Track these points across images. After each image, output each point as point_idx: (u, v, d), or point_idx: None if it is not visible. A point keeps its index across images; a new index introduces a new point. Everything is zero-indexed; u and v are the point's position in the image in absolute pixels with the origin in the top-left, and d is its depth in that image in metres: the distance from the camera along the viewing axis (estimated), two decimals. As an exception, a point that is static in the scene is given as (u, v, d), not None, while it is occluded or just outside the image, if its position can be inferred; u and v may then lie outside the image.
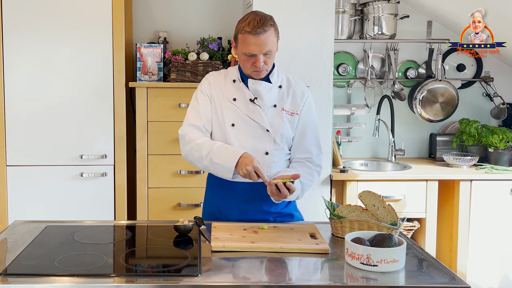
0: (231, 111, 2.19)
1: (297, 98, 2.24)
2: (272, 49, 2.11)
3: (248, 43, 2.07)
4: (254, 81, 2.17)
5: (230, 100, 2.20)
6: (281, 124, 2.19)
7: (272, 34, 2.09)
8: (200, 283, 1.57)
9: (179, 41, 3.74)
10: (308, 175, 2.22)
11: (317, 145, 2.29)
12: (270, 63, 2.15)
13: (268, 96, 2.19)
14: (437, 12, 3.68)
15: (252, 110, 2.18)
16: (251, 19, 2.07)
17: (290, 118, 2.22)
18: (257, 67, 2.11)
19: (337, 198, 3.39)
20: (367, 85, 3.82)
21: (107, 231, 2.12)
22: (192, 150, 2.15)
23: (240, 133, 2.17)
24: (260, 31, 2.05)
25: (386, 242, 1.69)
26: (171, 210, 3.32)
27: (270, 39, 2.08)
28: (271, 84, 2.20)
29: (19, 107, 3.16)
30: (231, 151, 2.10)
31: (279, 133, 2.19)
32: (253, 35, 2.05)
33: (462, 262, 3.37)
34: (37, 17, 3.12)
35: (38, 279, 1.57)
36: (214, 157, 2.10)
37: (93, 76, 3.18)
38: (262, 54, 2.08)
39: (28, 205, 3.20)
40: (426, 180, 3.33)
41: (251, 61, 2.11)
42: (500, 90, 3.90)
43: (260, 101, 2.18)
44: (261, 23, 2.05)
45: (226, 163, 2.07)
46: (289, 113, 2.22)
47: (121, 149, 3.24)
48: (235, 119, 2.18)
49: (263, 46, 2.07)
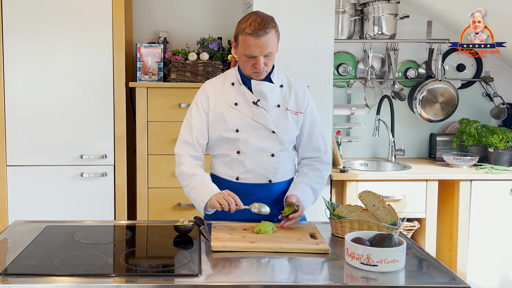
0: (234, 116, 2.18)
1: (299, 97, 2.25)
2: (272, 51, 2.10)
3: (248, 44, 2.06)
4: (257, 82, 2.16)
5: (231, 105, 2.19)
6: (286, 124, 2.20)
7: (273, 36, 2.08)
8: (200, 283, 1.57)
9: (179, 41, 3.74)
10: (318, 178, 2.28)
11: (324, 142, 2.34)
12: (270, 64, 2.14)
13: (272, 96, 2.19)
14: (437, 12, 3.68)
15: (256, 113, 2.17)
16: (252, 20, 2.06)
17: (295, 117, 2.23)
18: (257, 68, 2.10)
19: (337, 198, 3.39)
20: (367, 85, 3.82)
21: (107, 231, 2.12)
22: (178, 175, 2.25)
23: (245, 137, 2.17)
24: (262, 33, 2.04)
25: (386, 242, 1.69)
26: (171, 210, 3.32)
27: (271, 41, 2.07)
28: (274, 84, 2.20)
29: (19, 107, 3.16)
30: (206, 190, 2.13)
31: (285, 133, 2.20)
32: (254, 37, 2.04)
33: (462, 262, 3.37)
34: (37, 17, 3.11)
35: (38, 279, 1.57)
36: (191, 192, 2.17)
37: (93, 76, 3.18)
38: (262, 55, 2.08)
39: (28, 205, 3.20)
40: (426, 180, 3.33)
41: (251, 62, 2.10)
42: (500, 90, 3.90)
43: (264, 102, 2.18)
44: (262, 24, 2.04)
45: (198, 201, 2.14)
46: (293, 112, 2.22)
47: (121, 149, 3.24)
48: (238, 124, 2.18)
49: (264, 48, 2.06)
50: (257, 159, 2.18)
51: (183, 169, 2.21)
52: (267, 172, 2.20)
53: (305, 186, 2.23)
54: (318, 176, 2.28)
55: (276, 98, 2.21)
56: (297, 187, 2.22)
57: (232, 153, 2.20)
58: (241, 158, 2.18)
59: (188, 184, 2.17)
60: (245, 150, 2.17)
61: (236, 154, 2.19)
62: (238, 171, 2.21)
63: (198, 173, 2.19)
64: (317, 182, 2.27)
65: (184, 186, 2.21)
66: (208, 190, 2.12)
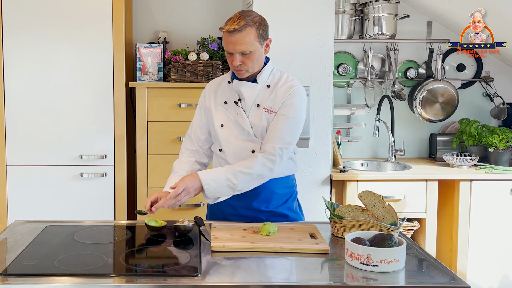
0: (222, 113, 2.24)
1: (278, 96, 2.17)
2: (251, 50, 2.08)
3: (225, 41, 2.10)
4: (238, 82, 2.19)
5: (221, 103, 2.25)
6: (260, 123, 2.17)
7: (250, 34, 2.06)
8: (200, 283, 1.57)
9: (179, 41, 3.74)
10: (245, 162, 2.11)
11: (279, 137, 2.13)
12: (250, 63, 2.11)
13: (251, 96, 2.19)
14: (437, 12, 3.68)
15: (236, 112, 2.21)
16: (232, 17, 2.09)
17: (269, 116, 2.17)
18: (233, 65, 2.12)
19: (337, 198, 3.39)
20: (367, 85, 3.82)
21: (107, 231, 2.12)
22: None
23: (228, 134, 2.22)
24: (233, 30, 2.05)
25: (386, 242, 1.69)
26: (171, 210, 3.31)
27: (246, 39, 2.06)
28: (256, 84, 2.19)
29: (19, 107, 3.16)
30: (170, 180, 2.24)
31: (260, 132, 2.18)
32: (228, 33, 2.07)
33: (462, 262, 3.37)
34: (37, 17, 3.11)
35: (38, 279, 1.57)
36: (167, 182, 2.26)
37: (93, 76, 3.19)
38: (238, 53, 2.08)
39: (28, 205, 3.20)
40: (426, 180, 3.33)
41: (230, 59, 2.13)
42: (500, 90, 3.90)
43: (243, 101, 2.20)
44: (237, 22, 2.05)
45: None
46: (268, 111, 2.17)
47: (121, 149, 3.24)
48: (224, 120, 2.23)
49: (238, 45, 2.06)
50: (238, 157, 2.19)
51: (175, 161, 2.35)
52: None
53: (219, 169, 2.12)
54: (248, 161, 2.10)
55: (257, 98, 2.19)
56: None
57: (217, 150, 2.28)
58: (223, 156, 2.24)
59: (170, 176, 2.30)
60: (226, 148, 2.22)
61: (219, 152, 2.26)
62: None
63: (176, 168, 2.30)
64: (241, 165, 2.09)
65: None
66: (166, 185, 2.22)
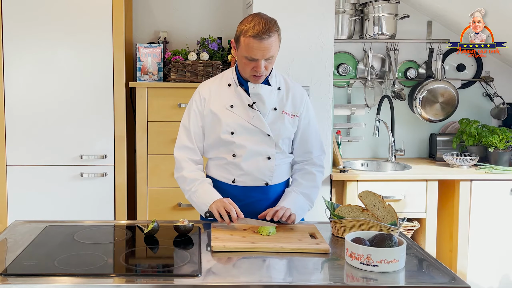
0: (229, 118, 2.16)
1: (297, 100, 2.22)
2: (274, 54, 2.07)
3: (251, 47, 2.02)
4: (255, 85, 2.14)
5: (227, 107, 2.17)
6: (282, 127, 2.18)
7: (276, 39, 2.04)
8: (200, 283, 1.57)
9: (179, 41, 3.74)
10: (310, 182, 2.26)
11: (319, 146, 2.31)
12: (270, 67, 2.12)
13: (269, 99, 2.16)
14: (437, 12, 3.68)
15: (251, 116, 2.15)
16: (256, 23, 2.01)
17: (291, 120, 2.21)
18: (257, 72, 2.07)
19: (337, 198, 3.39)
20: (367, 85, 3.82)
21: (107, 231, 2.12)
22: (179, 179, 2.24)
23: (241, 140, 2.15)
24: (265, 36, 2.00)
25: (386, 242, 1.69)
26: (171, 210, 3.32)
27: (273, 45, 2.03)
28: (271, 86, 2.18)
29: (19, 107, 3.16)
30: (208, 194, 2.13)
31: (281, 137, 2.18)
32: (257, 40, 2.00)
33: (462, 262, 3.37)
34: (37, 16, 3.11)
35: (38, 279, 1.57)
36: (192, 196, 2.18)
37: (93, 76, 3.18)
38: (264, 59, 2.05)
39: (28, 205, 3.20)
40: (426, 180, 3.33)
41: (251, 65, 2.07)
42: (500, 90, 3.90)
43: (261, 105, 2.15)
44: (266, 28, 2.00)
45: (200, 205, 2.15)
46: (290, 115, 2.20)
47: (121, 149, 3.24)
48: (234, 126, 2.15)
49: (266, 52, 2.03)
50: (253, 162, 2.17)
51: (184, 173, 2.20)
52: (264, 175, 2.19)
53: (295, 194, 2.21)
54: (310, 180, 2.26)
55: (273, 101, 2.18)
56: (286, 197, 2.21)
57: (228, 156, 2.18)
58: (237, 161, 2.17)
59: (190, 188, 2.18)
60: (241, 153, 2.16)
61: (232, 157, 2.18)
62: (234, 174, 2.20)
63: (200, 178, 2.19)
64: (309, 187, 2.25)
65: (185, 190, 2.21)
66: (210, 195, 2.12)
